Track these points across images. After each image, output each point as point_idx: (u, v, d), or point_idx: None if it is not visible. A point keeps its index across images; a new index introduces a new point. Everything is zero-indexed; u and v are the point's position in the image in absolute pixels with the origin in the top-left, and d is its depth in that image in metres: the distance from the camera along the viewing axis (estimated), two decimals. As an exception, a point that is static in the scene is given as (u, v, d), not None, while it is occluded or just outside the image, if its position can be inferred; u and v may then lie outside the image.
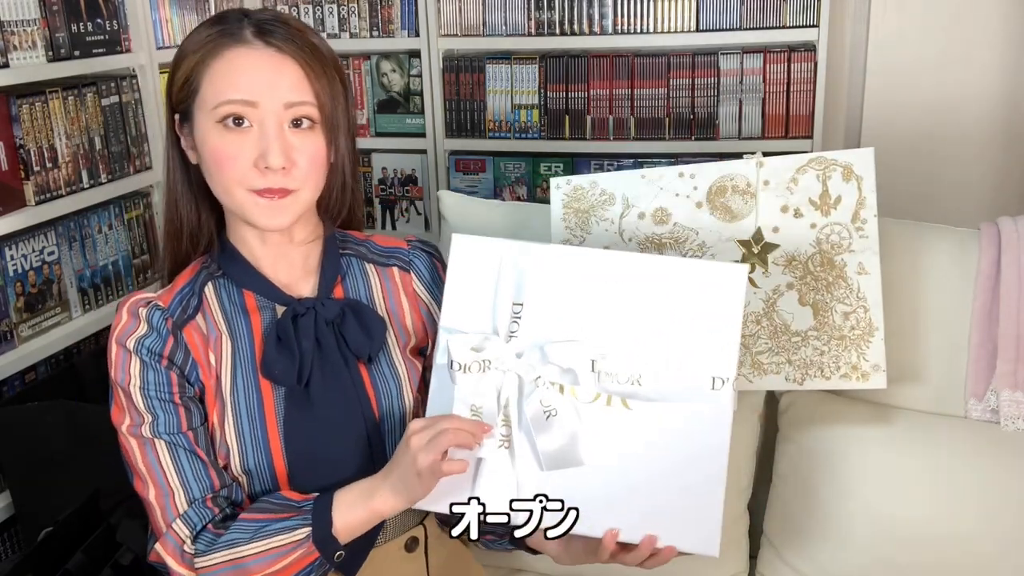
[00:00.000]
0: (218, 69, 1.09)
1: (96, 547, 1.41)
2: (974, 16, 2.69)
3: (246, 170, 1.08)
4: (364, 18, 2.92)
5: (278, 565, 1.05)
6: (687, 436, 1.04)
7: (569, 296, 1.09)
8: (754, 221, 1.40)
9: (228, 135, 1.08)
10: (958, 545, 1.43)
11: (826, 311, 1.38)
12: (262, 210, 1.10)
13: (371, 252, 1.26)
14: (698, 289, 1.07)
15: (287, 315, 1.14)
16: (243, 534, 1.06)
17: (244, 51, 1.09)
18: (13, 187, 1.95)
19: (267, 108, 1.08)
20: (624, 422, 1.06)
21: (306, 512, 1.06)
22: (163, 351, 1.11)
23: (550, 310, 1.09)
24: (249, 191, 1.09)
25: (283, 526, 1.05)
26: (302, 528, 1.05)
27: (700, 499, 1.04)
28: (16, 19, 1.94)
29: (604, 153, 2.84)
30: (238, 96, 1.07)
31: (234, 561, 1.05)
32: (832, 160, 1.38)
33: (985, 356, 1.47)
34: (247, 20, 1.11)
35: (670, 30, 2.71)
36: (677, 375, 1.06)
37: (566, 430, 1.06)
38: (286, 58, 1.09)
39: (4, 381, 1.95)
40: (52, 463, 1.80)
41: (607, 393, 1.06)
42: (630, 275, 1.09)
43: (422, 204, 3.04)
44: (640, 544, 1.05)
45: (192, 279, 1.17)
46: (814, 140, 2.70)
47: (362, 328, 1.16)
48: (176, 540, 1.07)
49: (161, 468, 1.09)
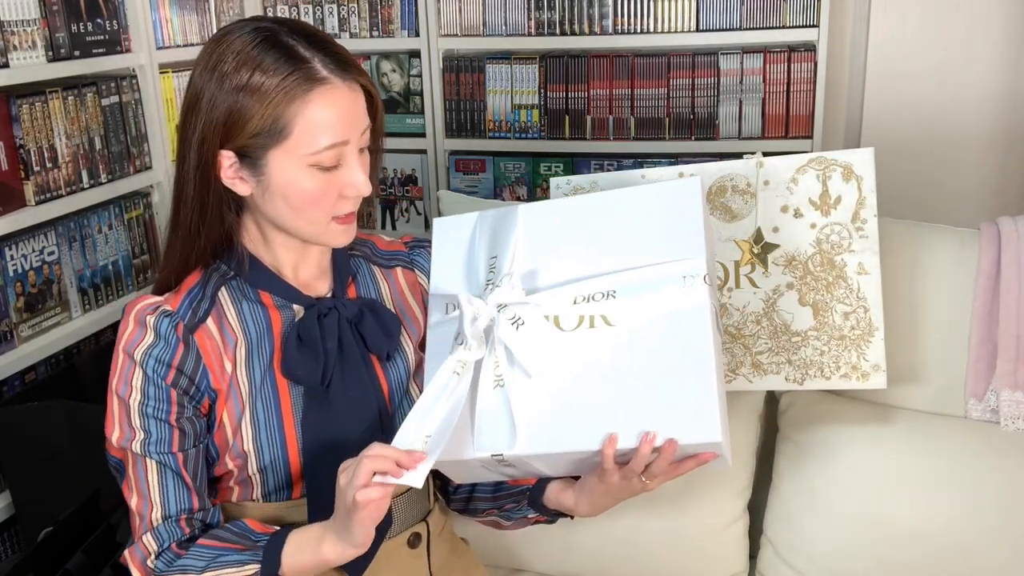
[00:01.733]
0: (311, 115, 1.05)
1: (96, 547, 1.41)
2: (974, 16, 2.69)
3: (334, 202, 1.11)
4: (364, 18, 2.92)
5: None
6: (670, 336, 1.06)
7: (541, 242, 1.14)
8: (754, 221, 1.40)
9: (320, 175, 1.08)
10: (958, 545, 1.43)
11: (826, 311, 1.38)
12: (343, 234, 1.14)
13: (375, 254, 1.28)
14: (659, 208, 1.11)
15: (311, 315, 1.15)
16: (198, 561, 1.08)
17: (327, 91, 1.06)
18: (13, 187, 1.95)
19: (353, 142, 1.09)
20: (609, 338, 1.07)
21: (259, 548, 1.08)
22: (172, 361, 1.10)
23: (525, 257, 1.13)
24: (333, 219, 1.12)
25: (235, 559, 1.07)
26: (252, 564, 1.07)
27: (692, 390, 1.03)
28: (16, 19, 1.94)
29: (604, 153, 2.84)
30: (337, 140, 1.07)
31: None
32: (832, 160, 1.38)
33: (985, 356, 1.47)
34: (304, 47, 1.07)
35: (670, 30, 2.71)
36: (650, 283, 1.08)
37: (537, 329, 1.08)
38: (357, 88, 1.09)
39: (4, 381, 1.95)
40: (52, 463, 1.80)
41: (588, 316, 1.08)
42: (595, 212, 1.14)
43: (422, 204, 3.04)
44: (640, 445, 1.02)
45: (201, 281, 1.16)
46: (814, 140, 2.70)
47: (380, 326, 1.18)
48: (143, 551, 1.10)
49: (147, 482, 1.11)
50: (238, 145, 1.07)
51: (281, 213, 1.11)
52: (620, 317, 1.08)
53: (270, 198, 1.10)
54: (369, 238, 1.30)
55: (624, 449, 1.04)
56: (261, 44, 1.06)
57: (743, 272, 1.40)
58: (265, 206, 1.11)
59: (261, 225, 1.16)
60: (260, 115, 1.05)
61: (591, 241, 1.12)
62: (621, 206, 1.14)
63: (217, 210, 1.12)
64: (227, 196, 1.12)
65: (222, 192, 1.11)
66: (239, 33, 1.08)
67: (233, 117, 1.06)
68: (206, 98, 1.07)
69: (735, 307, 1.41)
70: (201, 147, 1.09)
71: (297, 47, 1.06)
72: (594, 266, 1.11)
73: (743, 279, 1.40)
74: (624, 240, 1.11)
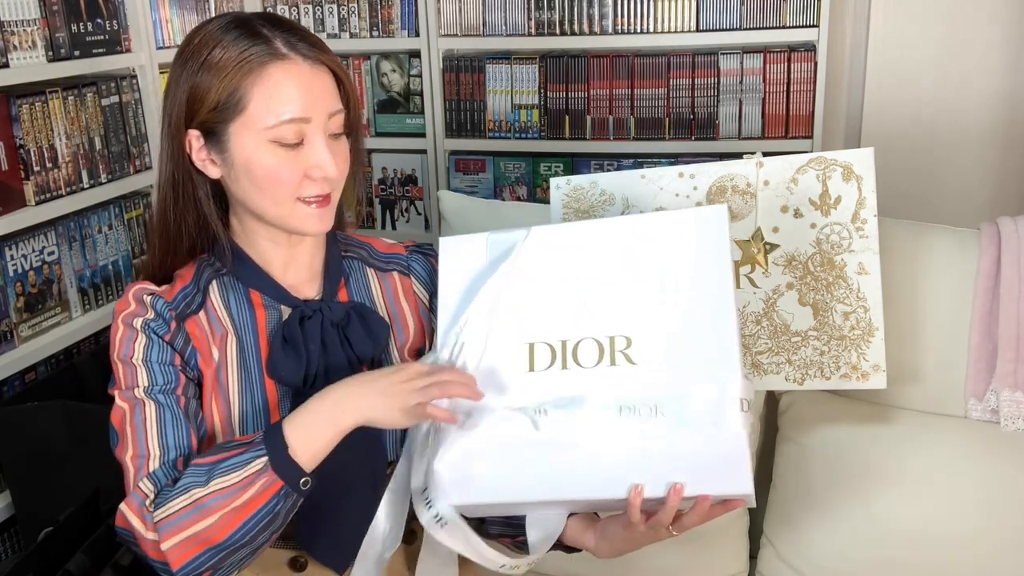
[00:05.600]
0: (266, 88, 1.07)
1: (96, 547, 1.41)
2: (974, 16, 2.69)
3: (299, 182, 1.10)
4: (364, 18, 2.91)
5: (240, 500, 1.00)
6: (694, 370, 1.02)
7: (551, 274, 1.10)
8: (754, 221, 1.40)
9: (281, 152, 1.09)
10: (958, 545, 1.43)
11: (826, 311, 1.37)
12: (311, 218, 1.12)
13: (372, 256, 1.28)
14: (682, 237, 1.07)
15: (294, 317, 1.15)
16: (197, 478, 1.02)
17: (287, 66, 1.08)
18: (13, 187, 1.95)
19: (317, 121, 1.09)
20: (629, 375, 1.04)
21: (258, 444, 1.02)
22: (165, 336, 1.12)
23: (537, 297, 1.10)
24: (298, 200, 1.11)
25: (237, 461, 1.01)
26: (257, 459, 1.00)
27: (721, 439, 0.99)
28: (16, 19, 1.94)
29: (604, 153, 2.84)
30: (296, 115, 1.07)
31: (193, 504, 1.00)
32: (832, 160, 1.38)
33: (985, 356, 1.47)
34: (268, 29, 1.09)
35: (670, 30, 2.71)
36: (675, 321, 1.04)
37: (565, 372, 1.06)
38: (322, 68, 1.10)
39: (4, 381, 1.95)
40: (52, 463, 1.80)
41: (609, 351, 1.05)
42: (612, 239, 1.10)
43: (422, 204, 3.04)
44: (668, 497, 1.00)
45: (195, 277, 1.18)
46: (814, 140, 2.69)
47: (366, 331, 1.17)
48: (140, 496, 1.04)
49: (144, 430, 1.08)
50: (200, 121, 1.10)
51: (248, 194, 1.12)
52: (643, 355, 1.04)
53: (236, 177, 1.11)
54: (368, 240, 1.30)
55: (649, 497, 1.01)
56: (226, 26, 1.10)
57: (743, 272, 1.40)
58: (233, 187, 1.13)
59: (241, 217, 1.17)
60: (218, 88, 1.07)
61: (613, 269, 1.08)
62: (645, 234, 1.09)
63: (191, 192, 1.15)
64: (201, 180, 1.14)
65: (194, 174, 1.14)
66: (211, 22, 1.12)
67: (194, 93, 1.09)
68: (174, 81, 1.12)
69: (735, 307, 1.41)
70: (171, 129, 1.12)
71: (262, 28, 1.09)
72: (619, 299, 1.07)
73: (743, 279, 1.40)
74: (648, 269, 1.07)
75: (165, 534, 1.00)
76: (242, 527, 1.00)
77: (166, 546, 1.00)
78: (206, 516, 1.00)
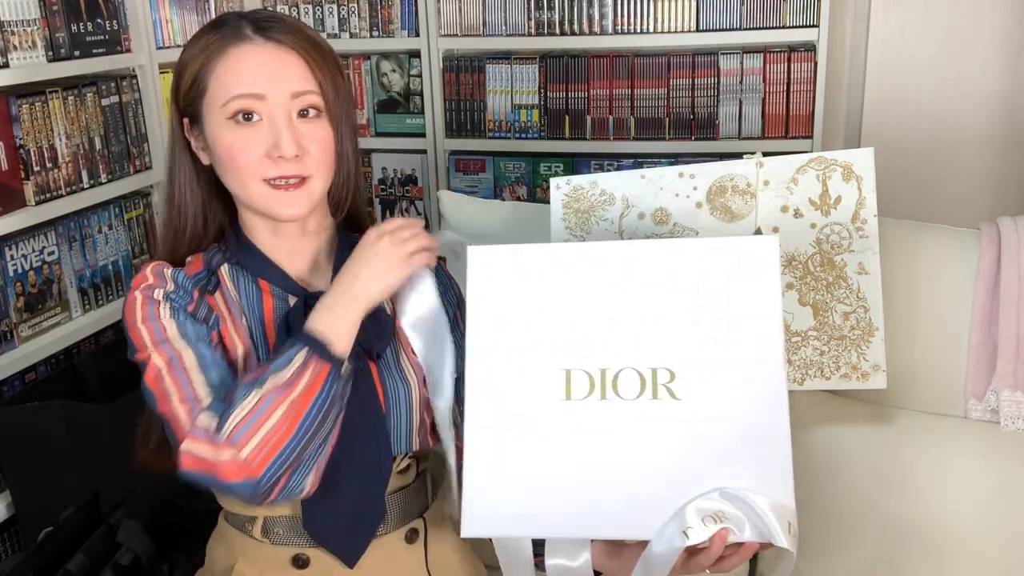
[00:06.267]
0: (224, 67, 1.12)
1: (96, 547, 1.41)
2: (974, 16, 2.69)
3: (259, 161, 1.11)
4: (364, 18, 2.91)
5: (296, 391, 1.02)
6: (741, 415, 0.99)
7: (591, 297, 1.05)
8: (754, 221, 1.40)
9: (239, 130, 1.12)
10: (959, 545, 1.43)
11: (826, 311, 1.38)
12: (279, 201, 1.13)
13: None
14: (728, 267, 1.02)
15: (299, 306, 1.16)
16: (246, 391, 1.03)
17: (247, 47, 1.12)
18: (13, 187, 1.95)
19: (275, 100, 1.11)
20: (672, 411, 1.00)
21: (292, 342, 1.05)
22: (188, 306, 1.14)
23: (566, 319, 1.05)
24: (263, 182, 1.12)
25: (281, 362, 1.04)
26: (299, 352, 1.04)
27: (769, 480, 0.97)
28: (16, 19, 1.94)
29: (604, 153, 2.83)
30: (246, 91, 1.11)
31: (256, 407, 1.02)
32: (832, 160, 1.38)
33: (985, 356, 1.47)
34: (245, 20, 1.15)
35: (670, 30, 2.71)
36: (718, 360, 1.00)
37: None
38: (288, 50, 1.13)
39: (4, 381, 1.95)
40: (52, 463, 1.80)
41: (651, 383, 1.01)
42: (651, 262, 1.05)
43: (422, 204, 3.04)
44: (712, 542, 0.98)
45: (206, 263, 1.20)
46: (814, 140, 2.69)
47: (372, 325, 1.17)
48: (202, 429, 1.04)
49: (188, 379, 1.08)
50: (183, 107, 1.16)
51: (223, 176, 1.16)
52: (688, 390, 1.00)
53: (214, 161, 1.16)
54: None
55: (692, 544, 0.98)
56: (215, 20, 1.17)
57: (743, 272, 1.40)
58: (217, 172, 1.17)
59: (238, 207, 1.20)
60: (189, 73, 1.14)
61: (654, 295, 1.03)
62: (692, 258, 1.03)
63: (191, 180, 1.19)
64: (200, 168, 1.19)
65: (194, 164, 1.19)
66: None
67: (178, 77, 1.16)
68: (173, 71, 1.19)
69: (735, 307, 1.41)
70: (171, 116, 1.19)
71: (239, 19, 1.15)
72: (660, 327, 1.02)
73: (743, 279, 1.40)
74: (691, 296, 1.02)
75: (240, 442, 1.00)
76: (307, 416, 1.03)
77: (244, 453, 1.00)
78: (271, 413, 1.01)
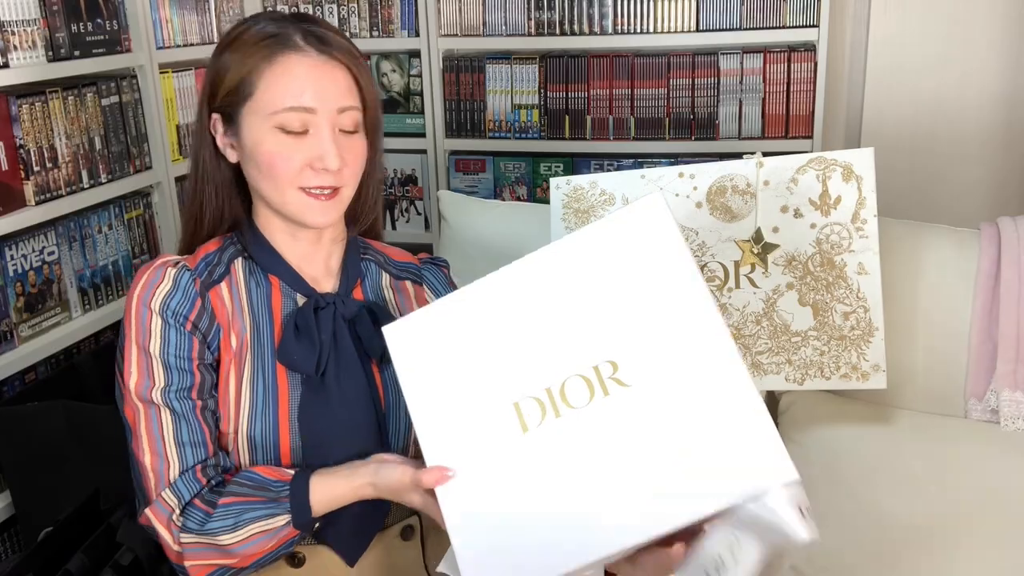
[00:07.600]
0: (273, 75, 1.12)
1: (96, 547, 1.41)
2: (974, 16, 2.69)
3: (300, 170, 1.13)
4: (364, 18, 2.91)
5: (262, 549, 1.09)
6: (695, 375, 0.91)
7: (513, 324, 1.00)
8: (754, 221, 1.40)
9: (284, 139, 1.12)
10: (959, 544, 1.43)
11: (826, 311, 1.38)
12: (314, 209, 1.15)
13: (387, 263, 1.31)
14: (624, 240, 0.97)
15: (308, 306, 1.17)
16: (224, 522, 1.08)
17: (299, 58, 1.12)
18: (13, 187, 1.95)
19: (323, 113, 1.12)
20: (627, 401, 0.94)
21: (284, 499, 1.08)
22: (189, 315, 1.14)
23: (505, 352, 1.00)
24: (300, 189, 1.14)
25: (263, 513, 1.08)
26: (281, 516, 1.08)
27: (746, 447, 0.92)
28: (16, 19, 1.94)
29: (604, 153, 2.83)
30: (296, 103, 1.11)
31: (220, 549, 1.08)
32: (832, 160, 1.38)
33: (985, 356, 1.47)
34: (291, 25, 1.14)
35: (670, 30, 2.71)
36: (653, 331, 0.94)
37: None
38: (337, 64, 1.14)
39: (4, 381, 1.95)
40: (52, 463, 1.80)
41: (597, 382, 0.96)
42: (557, 267, 1.00)
43: (422, 204, 3.04)
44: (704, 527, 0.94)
45: (219, 249, 1.21)
46: (814, 140, 2.69)
47: (377, 330, 1.17)
48: (166, 508, 1.09)
49: (161, 436, 1.11)
50: (220, 104, 1.16)
51: (255, 180, 1.16)
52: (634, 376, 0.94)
53: (246, 161, 1.16)
54: (384, 249, 1.33)
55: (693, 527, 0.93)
56: (258, 18, 1.17)
57: (743, 272, 1.40)
58: (246, 172, 1.17)
59: (259, 206, 1.21)
60: (234, 72, 1.13)
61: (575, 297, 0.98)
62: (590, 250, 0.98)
63: (214, 175, 1.19)
64: (225, 164, 1.19)
65: (219, 158, 1.19)
66: (252, 16, 1.20)
67: (217, 76, 1.16)
68: (208, 66, 1.19)
69: (735, 307, 1.41)
70: (200, 110, 1.19)
71: (287, 22, 1.15)
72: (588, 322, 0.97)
73: (743, 279, 1.40)
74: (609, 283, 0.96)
75: (190, 557, 1.09)
76: (259, 561, 1.10)
77: (188, 564, 1.09)
78: (230, 557, 1.09)
